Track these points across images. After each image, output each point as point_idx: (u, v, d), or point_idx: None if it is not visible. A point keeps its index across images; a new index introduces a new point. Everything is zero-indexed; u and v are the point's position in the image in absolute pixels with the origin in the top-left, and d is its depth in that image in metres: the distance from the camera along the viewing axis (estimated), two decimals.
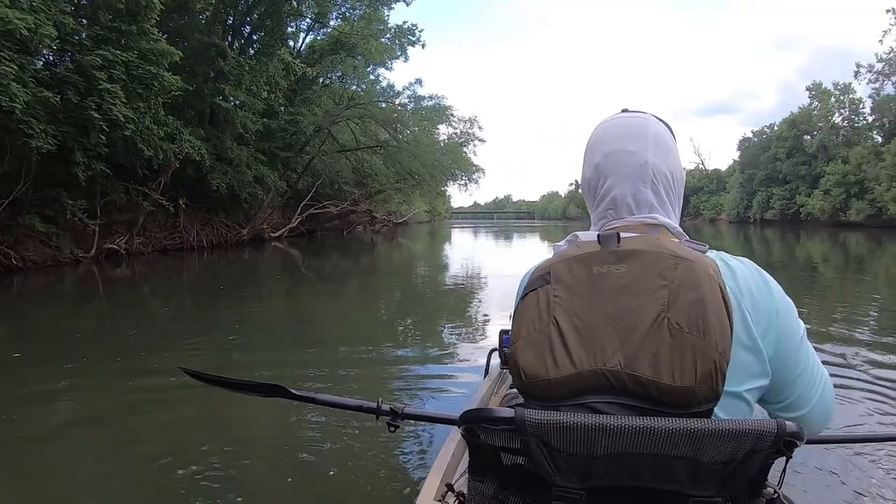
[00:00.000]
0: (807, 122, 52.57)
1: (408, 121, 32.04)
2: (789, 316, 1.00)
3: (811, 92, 53.66)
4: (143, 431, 3.78)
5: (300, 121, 25.57)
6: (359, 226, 36.75)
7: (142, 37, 13.45)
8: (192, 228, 20.14)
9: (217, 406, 4.03)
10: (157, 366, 5.25)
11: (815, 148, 50.77)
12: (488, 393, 2.43)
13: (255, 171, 21.59)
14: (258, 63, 20.25)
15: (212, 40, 18.58)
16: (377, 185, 34.16)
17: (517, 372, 0.92)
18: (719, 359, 0.82)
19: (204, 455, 3.23)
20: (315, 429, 3.72)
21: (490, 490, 0.96)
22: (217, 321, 7.82)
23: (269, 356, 5.81)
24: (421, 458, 3.16)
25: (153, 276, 14.18)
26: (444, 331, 7.10)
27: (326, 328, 7.49)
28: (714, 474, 0.84)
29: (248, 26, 22.48)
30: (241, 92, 19.79)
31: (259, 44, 22.60)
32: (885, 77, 47.64)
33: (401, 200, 40.75)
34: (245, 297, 10.33)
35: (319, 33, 28.91)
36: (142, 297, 10.52)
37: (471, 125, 37.38)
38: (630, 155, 1.09)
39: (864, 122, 50.68)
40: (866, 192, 43.76)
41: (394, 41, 30.42)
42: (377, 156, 32.42)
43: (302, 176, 28.34)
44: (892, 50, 46.88)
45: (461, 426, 0.95)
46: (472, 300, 9.79)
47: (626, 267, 0.92)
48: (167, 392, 4.46)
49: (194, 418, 3.97)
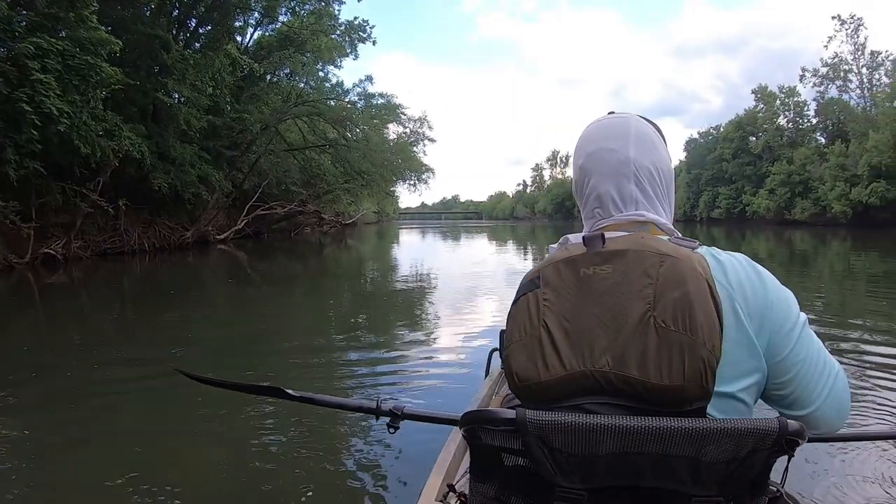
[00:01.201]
0: (752, 124, 55.40)
1: (358, 119, 31.77)
2: (785, 309, 0.99)
3: (757, 94, 56.64)
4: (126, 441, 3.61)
5: (247, 118, 25.03)
6: (306, 227, 36.32)
7: (80, 24, 12.66)
8: (134, 231, 19.34)
9: (202, 412, 3.98)
10: (112, 375, 5.04)
11: (761, 149, 53.54)
12: (489, 393, 2.42)
13: (200, 171, 20.97)
14: (203, 57, 19.62)
15: (155, 32, 17.83)
16: (325, 185, 33.67)
17: (510, 375, 0.94)
18: (708, 356, 0.83)
19: (197, 459, 3.33)
20: (314, 428, 3.73)
21: (492, 491, 0.96)
22: (164, 329, 7.45)
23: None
24: (422, 457, 3.02)
25: (93, 282, 13.54)
26: (444, 331, 7.01)
27: (306, 331, 7.36)
28: (716, 473, 0.84)
29: (193, 19, 21.83)
30: (186, 87, 19.07)
31: (205, 38, 21.98)
32: (830, 81, 51.10)
33: (349, 201, 40.45)
34: (192, 302, 9.97)
35: (268, 29, 28.27)
36: (82, 305, 10.01)
37: (421, 124, 37.67)
38: (611, 152, 1.10)
39: (808, 124, 53.82)
40: (810, 191, 46.25)
41: (344, 37, 30.08)
42: (326, 155, 32.10)
43: (248, 176, 27.78)
44: (837, 55, 50.62)
45: (462, 427, 0.95)
46: (471, 301, 9.66)
47: (612, 267, 0.93)
48: (148, 396, 4.38)
49: (178, 424, 3.92)
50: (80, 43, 12.80)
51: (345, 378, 4.98)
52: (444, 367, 5.31)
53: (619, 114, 1.17)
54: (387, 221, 74.71)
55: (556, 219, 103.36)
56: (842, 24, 49.86)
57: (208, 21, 21.51)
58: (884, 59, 47.89)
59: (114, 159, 15.68)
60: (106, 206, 16.37)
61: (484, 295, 10.11)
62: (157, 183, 18.38)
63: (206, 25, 21.80)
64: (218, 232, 25.00)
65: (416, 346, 6.16)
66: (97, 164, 15.13)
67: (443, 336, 6.65)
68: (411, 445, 3.32)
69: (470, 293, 10.20)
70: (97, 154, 14.32)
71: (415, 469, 2.94)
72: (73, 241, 16.35)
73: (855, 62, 49.91)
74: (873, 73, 48.98)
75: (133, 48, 16.73)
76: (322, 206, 36.30)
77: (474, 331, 6.86)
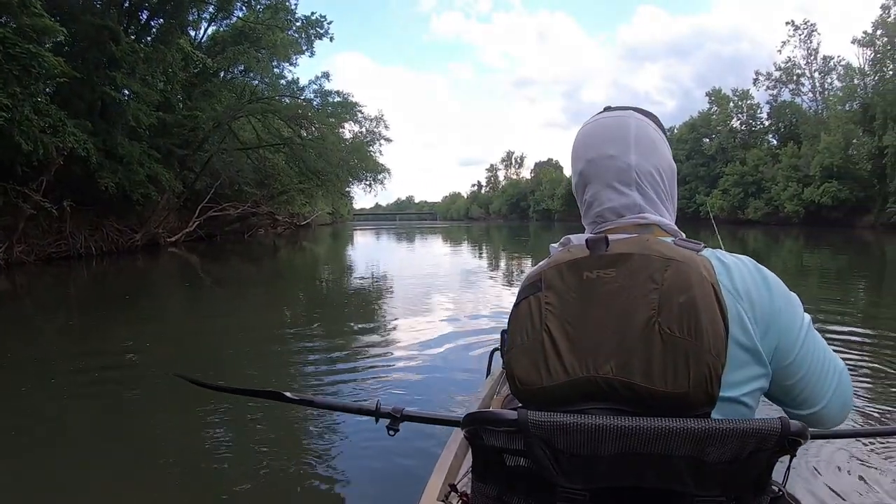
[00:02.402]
0: (706, 126, 57.64)
1: (313, 117, 31.20)
2: (791, 314, 0.98)
3: (711, 97, 59.19)
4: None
5: (199, 116, 24.29)
6: (260, 229, 35.68)
7: (22, 10, 11.93)
8: (80, 234, 18.58)
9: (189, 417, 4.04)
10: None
11: (714, 150, 55.75)
12: (490, 393, 2.44)
13: (149, 170, 20.26)
14: (155, 51, 19.00)
15: (105, 23, 17.05)
16: (279, 185, 33.28)
17: (512, 379, 0.95)
18: (713, 362, 0.83)
19: (199, 459, 3.45)
20: (315, 429, 3.84)
21: (493, 491, 0.96)
22: (116, 337, 7.07)
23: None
24: (423, 457, 3.17)
25: (38, 288, 13.05)
26: (444, 331, 7.02)
27: (297, 336, 7.30)
28: (718, 474, 0.84)
29: (145, 11, 21.09)
30: (135, 82, 18.50)
31: (157, 31, 21.26)
32: (783, 84, 53.62)
33: (304, 202, 39.97)
34: (148, 309, 9.69)
35: (222, 24, 27.49)
36: (26, 313, 9.62)
37: (377, 124, 37.29)
38: (611, 159, 1.08)
39: (761, 126, 56.53)
40: (763, 191, 48.47)
41: (300, 33, 29.49)
42: (280, 154, 31.62)
43: (200, 175, 26.98)
44: (790, 59, 53.03)
45: (464, 428, 0.96)
46: (471, 300, 9.76)
47: (616, 271, 0.92)
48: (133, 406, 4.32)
49: (179, 429, 3.99)
50: (22, 30, 12.11)
51: (340, 383, 4.95)
52: (444, 368, 5.38)
53: (617, 111, 1.14)
54: (341, 223, 74.30)
55: (511, 219, 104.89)
56: (795, 29, 52.13)
57: (160, 13, 20.79)
58: (836, 64, 50.13)
59: (58, 157, 15.02)
60: (50, 208, 15.71)
61: (482, 294, 10.29)
62: (103, 182, 17.62)
63: (159, 18, 21.08)
64: (169, 234, 24.28)
65: (416, 346, 6.24)
66: (40, 163, 14.46)
67: (442, 336, 6.65)
68: (413, 445, 3.38)
69: (465, 293, 10.35)
70: (40, 151, 13.67)
71: (416, 469, 3.05)
72: (16, 246, 15.59)
73: (808, 66, 52.25)
74: (825, 78, 51.40)
75: (80, 39, 15.97)
76: (276, 207, 35.81)
77: (475, 331, 6.87)
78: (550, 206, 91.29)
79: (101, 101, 18.58)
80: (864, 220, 38.90)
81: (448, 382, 4.89)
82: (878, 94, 39.10)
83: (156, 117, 20.36)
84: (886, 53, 40.61)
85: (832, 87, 49.95)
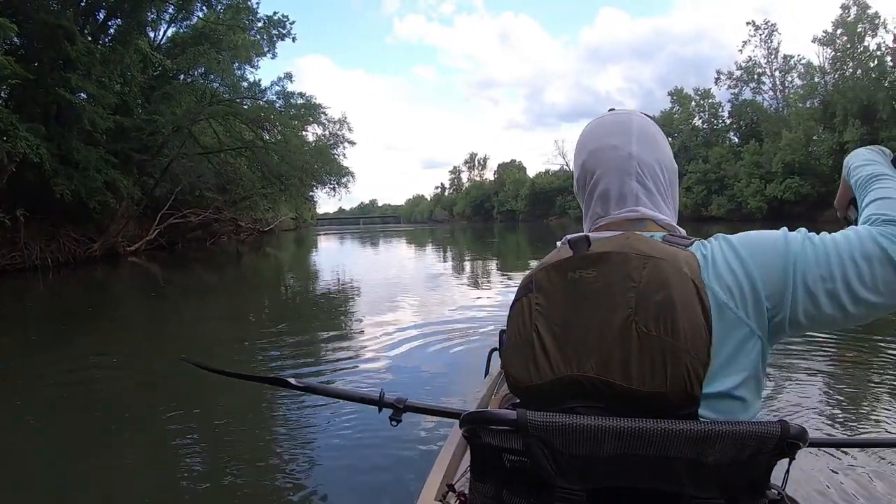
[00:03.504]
0: (669, 125, 58.64)
1: (276, 120, 30.79)
2: (767, 257, 0.91)
3: (673, 97, 60.81)
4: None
5: (158, 119, 23.77)
6: (223, 236, 35.05)
7: None
8: (36, 244, 18.18)
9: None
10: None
11: (677, 148, 57.15)
12: (488, 393, 2.46)
13: (106, 176, 19.90)
14: (112, 52, 18.42)
15: (60, 22, 16.49)
16: (242, 190, 32.67)
17: (508, 377, 0.99)
18: (691, 361, 0.83)
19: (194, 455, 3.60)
20: (314, 429, 3.89)
21: (492, 490, 0.97)
22: (77, 354, 6.72)
23: None
24: (421, 457, 3.26)
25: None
26: (443, 331, 7.04)
27: (290, 333, 7.44)
28: (717, 476, 0.84)
29: (102, 10, 20.57)
30: (91, 84, 18.01)
31: (115, 31, 20.83)
32: (744, 83, 55.14)
33: (267, 207, 39.02)
34: (110, 323, 9.26)
35: (182, 25, 26.88)
36: None
37: (341, 126, 36.88)
38: (614, 149, 1.10)
39: (722, 125, 58.12)
40: (726, 188, 49.80)
41: (262, 34, 29.03)
42: (242, 158, 31.12)
43: (160, 181, 26.43)
44: (751, 59, 54.53)
45: (463, 427, 0.97)
46: (467, 302, 9.75)
47: (597, 271, 0.93)
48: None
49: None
50: None
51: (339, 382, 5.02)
52: (442, 368, 5.43)
53: (621, 110, 1.17)
54: (305, 228, 73.75)
55: (474, 220, 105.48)
56: (756, 29, 53.69)
57: (118, 12, 20.29)
58: (796, 63, 51.80)
59: (10, 164, 14.67)
60: (2, 217, 15.36)
61: (481, 295, 10.32)
62: (59, 190, 17.26)
63: (116, 18, 20.62)
64: (128, 243, 23.80)
65: (416, 347, 6.27)
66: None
67: (441, 336, 6.67)
68: (411, 444, 3.45)
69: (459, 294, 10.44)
70: None
71: (414, 468, 3.11)
72: None
73: (768, 65, 53.87)
74: (786, 76, 53.01)
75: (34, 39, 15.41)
76: (238, 213, 35.22)
77: (474, 331, 6.92)
78: (514, 207, 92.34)
79: (56, 104, 18.17)
80: (826, 214, 39.79)
81: (447, 382, 4.93)
82: (839, 91, 40.77)
83: (113, 121, 19.95)
84: (846, 52, 42.19)
85: (793, 86, 51.60)
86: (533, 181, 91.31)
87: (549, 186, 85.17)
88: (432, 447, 3.24)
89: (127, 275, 18.17)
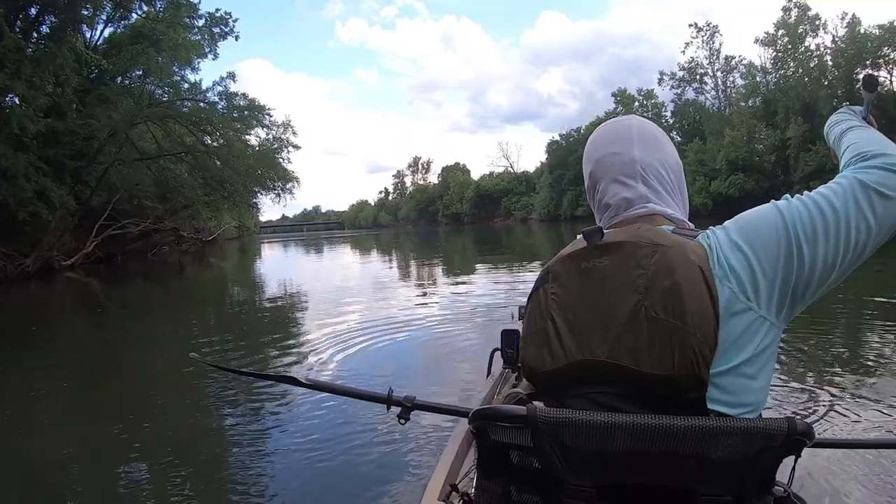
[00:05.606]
0: None
1: (218, 122, 29.88)
2: (766, 235, 0.92)
3: (616, 97, 63.21)
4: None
5: (94, 123, 22.74)
6: (164, 246, 33.61)
7: None
8: None
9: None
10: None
11: None
12: (490, 393, 2.44)
13: (37, 184, 18.96)
14: (44, 51, 17.23)
15: None
16: (183, 198, 31.60)
17: (525, 365, 1.03)
18: (699, 344, 0.84)
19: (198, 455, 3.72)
20: (316, 430, 3.92)
21: (499, 488, 0.99)
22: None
23: None
24: (424, 458, 3.29)
25: None
26: (443, 331, 7.08)
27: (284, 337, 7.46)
28: (724, 472, 0.85)
29: (34, 6, 19.51)
30: (21, 83, 17.00)
31: (48, 28, 19.82)
32: (687, 83, 57.34)
33: (209, 216, 38.10)
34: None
35: (120, 25, 25.78)
36: None
37: (285, 130, 36.02)
38: (616, 156, 1.13)
39: (665, 124, 59.38)
40: None
41: (203, 33, 28.04)
42: (183, 164, 30.40)
43: (96, 190, 25.36)
44: (693, 60, 56.64)
45: (472, 424, 0.98)
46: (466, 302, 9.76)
47: (609, 259, 0.96)
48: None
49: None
50: None
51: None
52: (442, 368, 5.50)
53: (621, 117, 1.21)
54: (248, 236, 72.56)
55: (419, 224, 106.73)
56: (698, 31, 55.79)
57: (52, 8, 19.23)
58: (737, 63, 53.87)
59: None
60: None
61: (475, 296, 10.34)
62: None
63: (50, 15, 19.60)
64: (64, 257, 22.74)
65: (416, 346, 6.41)
66: None
67: (441, 336, 6.73)
68: (414, 445, 3.50)
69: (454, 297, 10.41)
70: None
71: (417, 469, 3.18)
72: None
73: (710, 66, 55.93)
74: (728, 76, 55.09)
75: None
76: (180, 222, 34.17)
77: (474, 331, 6.95)
78: (460, 210, 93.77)
79: None
80: None
81: (446, 383, 4.97)
82: (781, 90, 42.82)
83: (44, 125, 19.08)
84: (788, 52, 44.04)
85: (734, 85, 53.72)
86: (478, 183, 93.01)
87: (494, 188, 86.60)
88: (435, 447, 3.30)
89: (65, 291, 17.28)
